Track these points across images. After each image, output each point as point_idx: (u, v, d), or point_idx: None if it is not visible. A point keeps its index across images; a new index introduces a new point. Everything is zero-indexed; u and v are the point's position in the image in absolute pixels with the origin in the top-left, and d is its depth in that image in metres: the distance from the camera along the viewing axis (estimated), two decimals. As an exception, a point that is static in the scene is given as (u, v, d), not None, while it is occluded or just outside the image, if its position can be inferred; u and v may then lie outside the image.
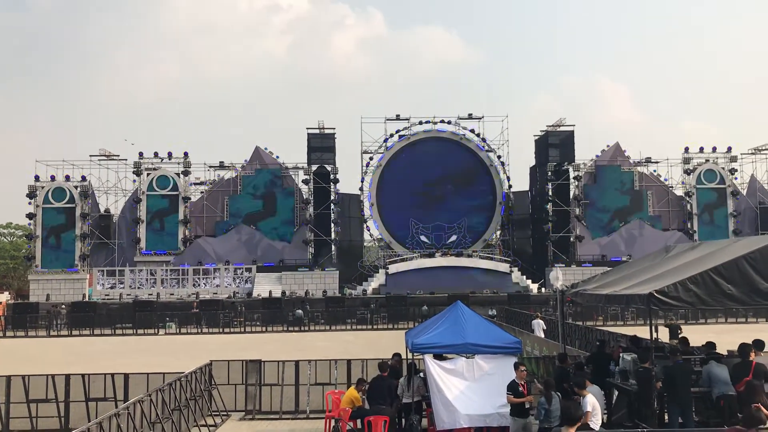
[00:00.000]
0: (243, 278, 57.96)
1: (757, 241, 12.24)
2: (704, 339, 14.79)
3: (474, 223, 64.28)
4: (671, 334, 23.35)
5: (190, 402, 15.48)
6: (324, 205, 62.82)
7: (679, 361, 12.07)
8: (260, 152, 64.20)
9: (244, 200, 62.93)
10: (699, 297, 10.98)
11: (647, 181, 65.31)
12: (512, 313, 41.80)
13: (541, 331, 28.31)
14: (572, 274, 49.08)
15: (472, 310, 14.51)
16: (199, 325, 46.39)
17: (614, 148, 65.39)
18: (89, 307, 50.60)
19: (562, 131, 64.90)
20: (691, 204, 64.55)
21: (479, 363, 12.83)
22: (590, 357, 15.06)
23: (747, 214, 64.37)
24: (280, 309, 49.11)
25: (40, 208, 60.91)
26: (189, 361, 21.41)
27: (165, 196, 62.15)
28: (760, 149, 65.71)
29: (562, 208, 62.95)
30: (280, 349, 31.49)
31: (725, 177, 64.63)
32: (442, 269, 58.03)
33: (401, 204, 63.71)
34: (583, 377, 11.75)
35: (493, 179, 65.13)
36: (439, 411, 12.48)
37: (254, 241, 61.86)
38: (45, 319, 47.51)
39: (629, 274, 14.19)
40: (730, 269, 11.05)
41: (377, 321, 47.08)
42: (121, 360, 28.42)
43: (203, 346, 33.86)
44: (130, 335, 43.99)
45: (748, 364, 12.00)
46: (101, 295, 55.84)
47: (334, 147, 63.93)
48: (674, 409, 11.71)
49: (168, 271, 57.93)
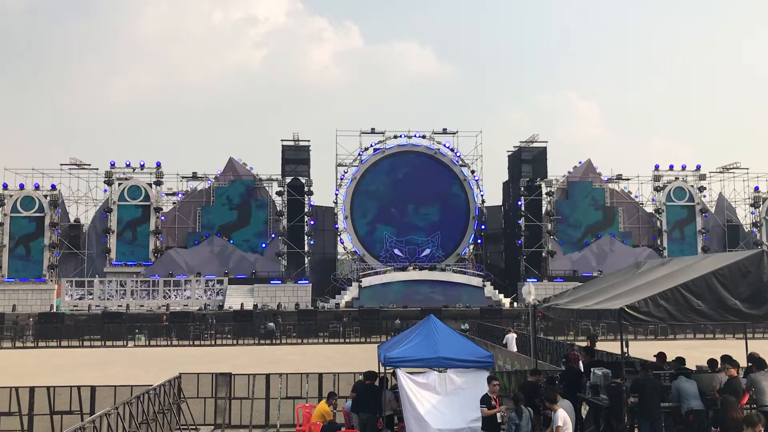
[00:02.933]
0: (214, 290, 57.41)
1: (726, 257, 12.42)
2: (674, 354, 14.92)
3: (447, 238, 64.45)
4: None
5: (158, 415, 15.24)
6: (298, 218, 62.58)
7: (649, 376, 12.16)
8: (234, 163, 63.87)
9: (216, 211, 62.47)
10: (669, 312, 11.10)
11: (618, 197, 66.15)
12: (484, 327, 41.92)
13: (514, 345, 28.42)
14: (544, 289, 49.34)
15: (444, 324, 14.51)
16: (169, 337, 45.82)
17: (586, 164, 66.19)
18: (56, 318, 49.70)
19: (535, 147, 65.57)
20: (661, 221, 65.49)
21: (451, 377, 12.82)
22: (562, 373, 15.13)
23: (715, 232, 65.46)
24: (251, 322, 48.70)
25: (8, 217, 59.90)
26: (158, 374, 21.13)
27: (136, 206, 61.50)
28: (728, 168, 66.95)
29: (535, 223, 63.44)
30: (251, 362, 31.20)
31: (694, 195, 65.71)
32: (415, 283, 58.06)
33: (375, 217, 63.77)
34: (554, 392, 11.80)
35: (466, 194, 65.45)
36: (411, 425, 12.44)
37: (226, 252, 61.39)
38: (11, 330, 46.57)
39: (600, 289, 14.30)
40: (699, 285, 11.20)
41: (350, 334, 46.90)
42: (88, 372, 27.94)
43: (173, 359, 33.44)
44: (99, 347, 43.30)
45: (717, 379, 12.13)
46: (69, 306, 54.91)
47: (308, 159, 63.86)
48: (644, 424, 11.79)
49: (138, 283, 57.16)
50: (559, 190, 65.21)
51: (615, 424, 12.27)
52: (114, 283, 56.94)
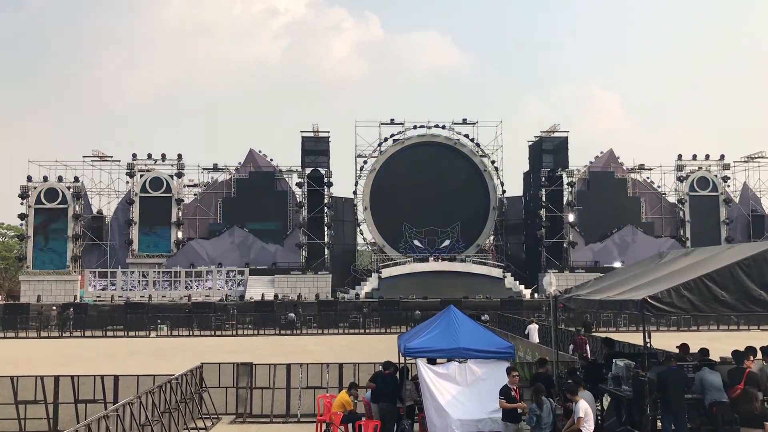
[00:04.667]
0: (235, 281, 57.77)
1: (751, 248, 12.22)
2: (697, 346, 14.76)
3: (467, 228, 64.25)
4: (585, 329, 24.90)
5: (180, 405, 15.35)
6: (317, 209, 62.73)
7: (673, 368, 12.04)
8: (254, 155, 64.10)
9: (237, 203, 62.78)
10: (692, 303, 10.95)
11: (640, 188, 65.49)
12: (505, 318, 41.77)
13: (536, 336, 28.28)
14: (565, 280, 49.17)
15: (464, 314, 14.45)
16: (191, 327, 46.20)
17: (608, 154, 65.57)
18: (80, 308, 50.30)
19: (556, 137, 65.03)
20: (684, 211, 64.76)
21: (472, 368, 12.78)
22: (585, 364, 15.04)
23: (739, 222, 64.59)
24: (272, 312, 48.94)
25: (32, 208, 60.65)
26: (180, 364, 21.30)
27: (158, 198, 61.98)
28: (752, 157, 65.98)
29: (556, 214, 63.02)
30: (271, 352, 31.36)
31: (718, 185, 64.86)
32: (435, 274, 57.95)
33: (395, 208, 63.64)
34: (576, 383, 11.71)
35: (486, 184, 65.16)
36: (431, 416, 12.43)
37: (247, 243, 61.72)
38: (36, 321, 47.22)
39: (622, 280, 14.16)
40: (723, 276, 11.03)
41: (370, 325, 46.97)
42: (111, 362, 28.26)
43: (194, 349, 33.71)
44: (122, 337, 43.77)
45: (742, 371, 11.98)
46: (93, 297, 55.55)
47: (328, 150, 63.90)
48: (667, 416, 11.68)
49: (160, 273, 57.67)
50: (580, 181, 64.67)
51: (637, 417, 12.17)
52: (136, 274, 57.50)
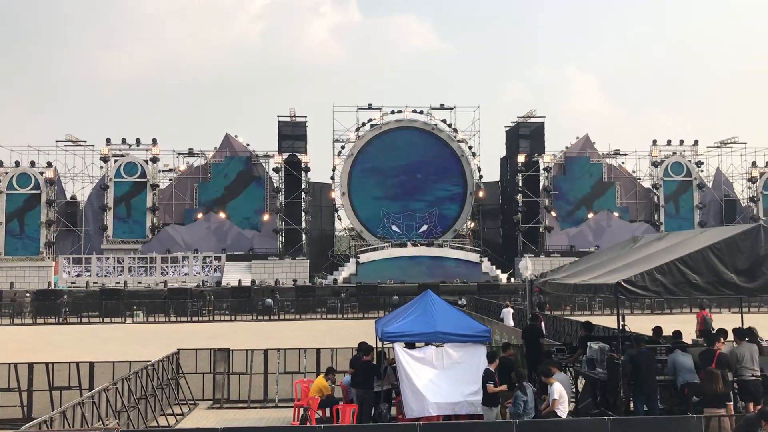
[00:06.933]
0: (212, 267, 57.47)
1: (722, 232, 12.44)
2: (670, 329, 14.99)
3: (445, 213, 64.45)
4: (539, 309, 25.22)
5: (156, 391, 15.30)
6: (295, 194, 62.49)
7: (644, 350, 12.22)
8: (230, 139, 63.64)
9: (213, 188, 62.35)
10: (665, 286, 11.14)
11: (615, 172, 66.12)
12: (481, 303, 42.08)
13: (510, 320, 28.49)
14: (541, 264, 49.53)
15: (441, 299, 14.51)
16: (167, 313, 45.94)
17: (584, 140, 66.04)
18: (54, 295, 49.76)
19: (533, 122, 65.34)
20: (658, 196, 65.55)
21: (448, 351, 12.85)
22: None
23: (712, 206, 65.53)
24: (249, 298, 48.84)
25: (4, 194, 59.77)
26: (156, 350, 21.18)
27: (133, 183, 61.34)
28: (725, 143, 66.86)
29: (532, 199, 63.45)
30: (249, 338, 31.30)
31: (692, 169, 65.68)
32: (412, 259, 58.22)
33: (372, 193, 63.61)
34: (550, 366, 11.85)
35: (464, 169, 65.30)
36: (408, 399, 12.49)
37: (224, 229, 61.39)
38: (9, 308, 46.62)
39: (597, 264, 14.33)
40: (695, 259, 11.22)
41: (347, 310, 47.05)
42: (87, 348, 28.03)
43: (171, 335, 33.52)
44: (97, 324, 43.40)
45: (713, 353, 12.20)
46: (67, 283, 54.99)
47: (305, 135, 63.60)
48: (639, 398, 11.87)
49: (135, 259, 57.20)
50: (556, 166, 65.11)
51: (612, 399, 12.36)
52: (111, 260, 56.97)
